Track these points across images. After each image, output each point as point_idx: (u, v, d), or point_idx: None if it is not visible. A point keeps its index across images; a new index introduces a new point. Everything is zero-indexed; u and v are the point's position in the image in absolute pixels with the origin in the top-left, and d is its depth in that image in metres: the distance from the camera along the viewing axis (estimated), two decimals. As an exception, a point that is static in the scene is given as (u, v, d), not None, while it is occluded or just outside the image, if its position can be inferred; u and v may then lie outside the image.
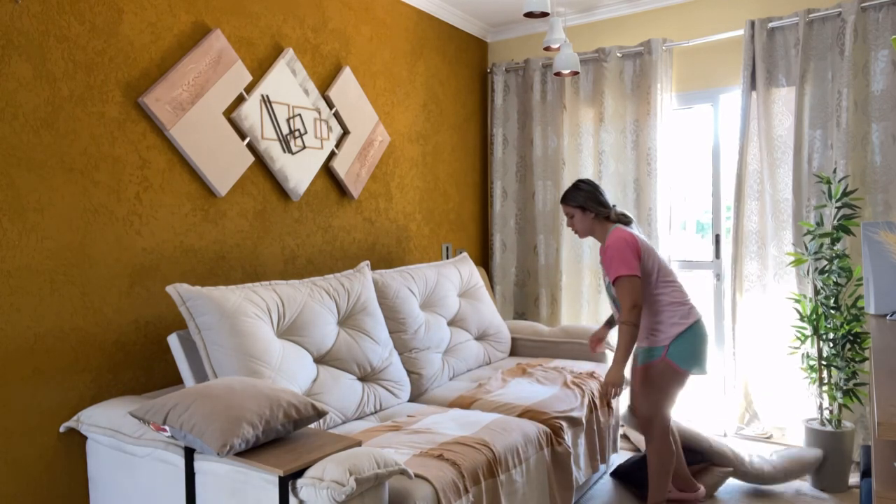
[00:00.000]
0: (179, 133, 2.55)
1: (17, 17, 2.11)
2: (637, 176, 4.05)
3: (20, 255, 2.12)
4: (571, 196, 2.71)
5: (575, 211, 2.70)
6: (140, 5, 2.46)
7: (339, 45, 3.39)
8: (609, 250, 2.57)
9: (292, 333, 2.44)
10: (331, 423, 2.42)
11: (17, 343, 2.11)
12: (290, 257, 3.10)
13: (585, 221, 2.70)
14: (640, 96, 4.03)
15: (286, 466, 1.68)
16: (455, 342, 3.28)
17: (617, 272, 2.51)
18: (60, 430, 2.22)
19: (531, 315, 4.52)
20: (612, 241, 2.57)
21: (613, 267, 2.53)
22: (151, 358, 2.51)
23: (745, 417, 3.72)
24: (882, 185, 3.33)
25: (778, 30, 3.60)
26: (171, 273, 2.58)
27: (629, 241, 2.56)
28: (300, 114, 3.11)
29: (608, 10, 4.17)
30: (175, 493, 1.99)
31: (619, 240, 2.57)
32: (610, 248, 2.57)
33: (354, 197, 3.44)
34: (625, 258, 2.52)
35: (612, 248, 2.56)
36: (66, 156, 2.24)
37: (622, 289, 2.50)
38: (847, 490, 3.10)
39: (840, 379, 3.10)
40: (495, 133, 4.55)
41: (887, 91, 3.31)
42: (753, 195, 3.70)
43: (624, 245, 2.55)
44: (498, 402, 2.75)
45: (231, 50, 2.76)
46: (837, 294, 3.12)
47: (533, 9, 2.77)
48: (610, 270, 2.54)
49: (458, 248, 4.42)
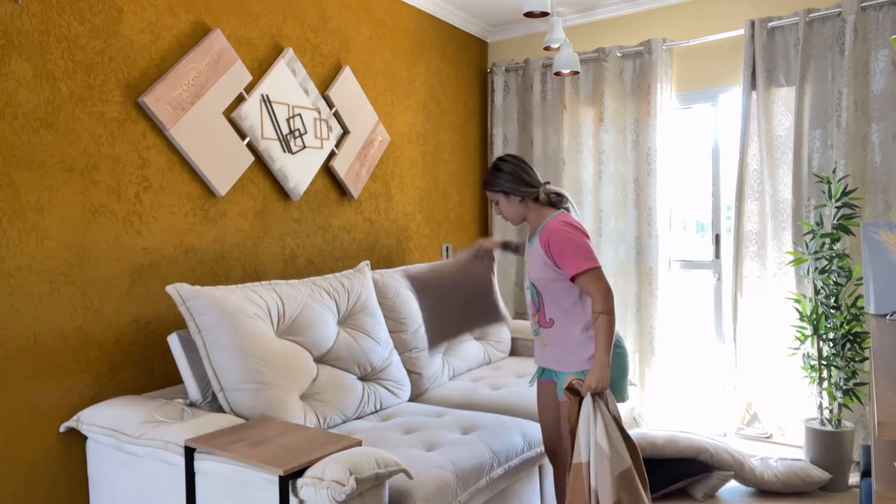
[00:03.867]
0: (179, 133, 2.55)
1: (17, 16, 2.11)
2: (637, 176, 4.05)
3: (20, 255, 2.12)
4: (491, 180, 2.28)
5: (498, 196, 2.28)
6: (140, 5, 2.46)
7: (339, 44, 3.39)
8: (560, 241, 2.15)
9: (292, 333, 2.44)
10: (331, 422, 2.42)
11: (17, 343, 2.11)
12: (289, 257, 3.10)
13: (512, 207, 2.28)
14: (640, 96, 4.03)
15: (286, 466, 1.68)
16: (455, 342, 3.28)
17: (580, 266, 2.12)
18: (60, 430, 2.22)
19: (531, 315, 4.52)
20: (560, 229, 2.16)
21: (574, 261, 2.12)
22: (151, 358, 2.51)
23: (746, 418, 3.72)
24: (882, 185, 3.33)
25: (778, 29, 3.60)
26: (171, 273, 2.58)
27: (580, 228, 2.19)
28: (300, 113, 3.11)
29: (608, 9, 4.17)
30: (175, 493, 1.99)
31: (567, 226, 2.17)
32: (560, 238, 2.15)
33: (354, 197, 3.44)
34: (586, 249, 2.14)
35: (563, 238, 2.14)
36: (66, 156, 2.24)
37: (590, 282, 2.12)
38: (847, 490, 3.10)
39: (840, 379, 3.10)
40: (495, 133, 4.55)
41: (887, 91, 3.31)
42: (753, 195, 3.70)
43: (577, 232, 2.16)
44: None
45: (231, 50, 2.76)
46: (837, 294, 3.12)
47: (533, 8, 2.76)
48: (567, 265, 2.13)
49: (458, 248, 4.42)
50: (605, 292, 2.12)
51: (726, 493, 3.07)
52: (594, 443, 1.99)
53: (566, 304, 2.20)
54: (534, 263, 2.24)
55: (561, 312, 2.21)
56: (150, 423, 2.06)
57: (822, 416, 3.17)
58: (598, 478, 1.96)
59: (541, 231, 2.22)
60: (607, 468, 1.97)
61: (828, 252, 3.13)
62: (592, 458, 1.99)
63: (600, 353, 2.09)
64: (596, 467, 1.97)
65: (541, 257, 2.20)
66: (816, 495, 3.05)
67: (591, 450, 2.00)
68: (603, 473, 1.96)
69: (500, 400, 2.77)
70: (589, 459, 2.00)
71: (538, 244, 2.21)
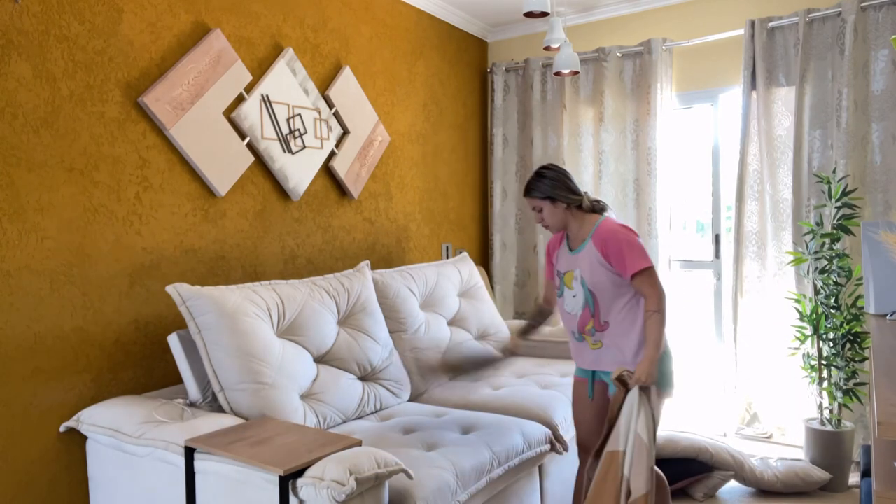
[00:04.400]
0: (179, 133, 2.55)
1: (17, 16, 2.11)
2: (637, 176, 4.05)
3: (20, 255, 2.12)
4: (536, 186, 2.30)
5: (543, 203, 2.30)
6: (140, 5, 2.46)
7: (339, 44, 3.39)
8: (617, 242, 2.21)
9: (292, 333, 2.44)
10: (331, 422, 2.42)
11: (17, 343, 2.11)
12: (289, 257, 3.10)
13: (557, 214, 2.30)
14: (640, 96, 4.03)
15: (286, 466, 1.68)
16: (455, 342, 3.28)
17: (638, 265, 2.17)
18: (60, 430, 2.22)
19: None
20: (616, 230, 2.23)
21: (632, 260, 2.18)
22: (151, 358, 2.51)
23: (746, 418, 3.72)
24: (882, 185, 3.33)
25: (778, 29, 3.60)
26: (171, 273, 2.58)
27: (632, 230, 2.27)
28: (300, 113, 3.11)
29: (608, 9, 4.17)
30: (175, 493, 1.99)
31: (621, 228, 2.25)
32: (616, 239, 2.21)
33: (354, 197, 3.44)
34: (640, 248, 2.20)
35: (619, 238, 2.21)
36: (66, 156, 2.24)
37: (645, 282, 2.18)
38: (847, 490, 3.10)
39: (840, 378, 3.10)
40: (495, 133, 4.55)
41: (887, 91, 3.31)
42: (753, 195, 3.70)
43: (631, 233, 2.23)
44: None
45: (231, 49, 2.76)
46: (837, 294, 3.12)
47: (533, 8, 2.76)
48: (625, 265, 2.19)
49: (458, 248, 4.42)
50: (660, 292, 2.18)
51: (726, 493, 3.07)
52: (634, 433, 2.04)
53: (621, 305, 2.24)
54: (587, 269, 2.26)
55: (616, 314, 2.25)
56: (150, 423, 2.06)
57: (822, 416, 3.17)
58: (634, 467, 2.01)
59: (593, 234, 2.27)
60: (644, 459, 2.02)
61: (828, 252, 3.13)
62: (629, 448, 2.04)
63: (651, 349, 2.15)
64: (632, 457, 2.02)
65: (596, 259, 2.24)
66: (816, 495, 3.05)
67: (629, 440, 2.04)
68: (640, 463, 2.01)
69: (500, 400, 2.77)
70: (625, 449, 2.05)
71: (592, 247, 2.26)
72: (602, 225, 2.27)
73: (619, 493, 2.00)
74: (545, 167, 2.32)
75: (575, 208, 2.32)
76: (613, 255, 2.21)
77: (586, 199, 2.32)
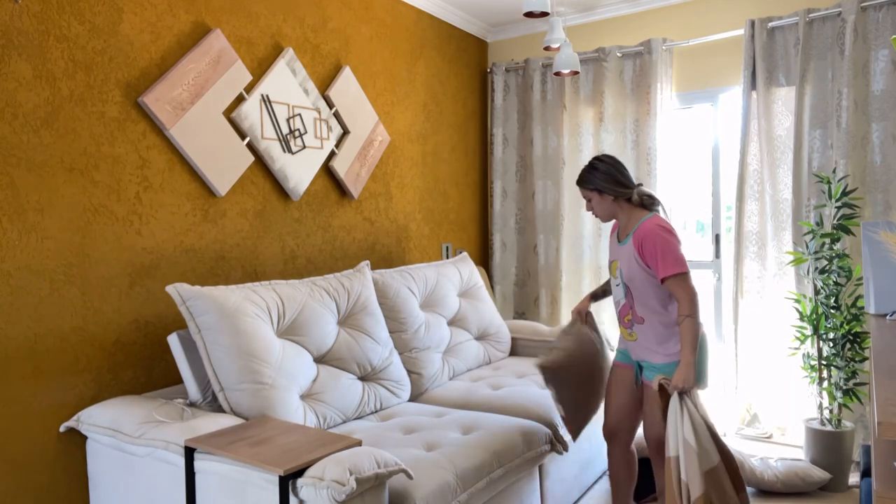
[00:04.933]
0: (179, 133, 2.55)
1: (17, 16, 2.11)
2: (637, 175, 4.05)
3: (20, 255, 2.12)
4: (585, 177, 2.39)
5: (592, 194, 2.39)
6: (140, 5, 2.46)
7: (339, 44, 3.39)
8: (652, 244, 2.24)
9: (292, 333, 2.44)
10: (331, 422, 2.42)
11: (17, 343, 2.11)
12: (289, 257, 3.10)
13: (604, 205, 2.38)
14: (640, 96, 4.03)
15: (286, 466, 1.68)
16: (455, 342, 3.28)
17: (669, 270, 2.22)
18: (60, 430, 2.22)
19: (531, 315, 4.52)
20: (654, 232, 2.25)
21: (664, 264, 2.23)
22: (151, 358, 2.51)
23: (746, 418, 3.72)
24: (882, 185, 3.33)
25: (778, 29, 3.60)
26: (171, 273, 2.58)
27: (673, 232, 2.28)
28: (300, 113, 3.11)
29: (608, 9, 4.17)
30: (175, 493, 1.99)
31: (661, 230, 2.26)
32: (652, 241, 2.25)
33: (354, 197, 3.44)
34: (677, 254, 2.24)
35: (655, 241, 2.24)
36: (66, 156, 2.24)
37: (677, 286, 2.22)
38: (847, 490, 3.10)
39: (840, 379, 3.10)
40: (495, 133, 4.55)
41: (887, 91, 3.31)
42: (753, 195, 3.70)
43: (669, 236, 2.26)
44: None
45: (231, 49, 2.76)
46: (837, 294, 3.12)
47: (533, 8, 2.76)
48: (658, 267, 2.24)
49: (458, 248, 4.42)
50: (692, 297, 2.23)
51: (726, 493, 3.07)
52: (682, 439, 2.12)
53: (653, 302, 2.31)
54: (626, 263, 2.34)
55: (648, 310, 2.32)
56: (150, 422, 2.06)
57: (822, 416, 3.17)
58: (688, 471, 2.09)
59: (634, 232, 2.32)
60: (695, 462, 2.09)
61: (828, 252, 3.13)
62: (681, 453, 2.11)
63: (686, 354, 2.20)
64: (685, 461, 2.10)
65: (634, 257, 2.31)
66: (816, 495, 3.05)
67: (679, 445, 2.12)
68: (692, 467, 2.09)
69: (500, 400, 2.77)
70: (678, 454, 2.12)
71: (631, 244, 2.32)
72: (645, 223, 2.30)
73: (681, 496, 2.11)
74: (599, 158, 2.39)
75: (623, 201, 2.38)
76: (649, 256, 2.26)
77: (636, 193, 2.37)
